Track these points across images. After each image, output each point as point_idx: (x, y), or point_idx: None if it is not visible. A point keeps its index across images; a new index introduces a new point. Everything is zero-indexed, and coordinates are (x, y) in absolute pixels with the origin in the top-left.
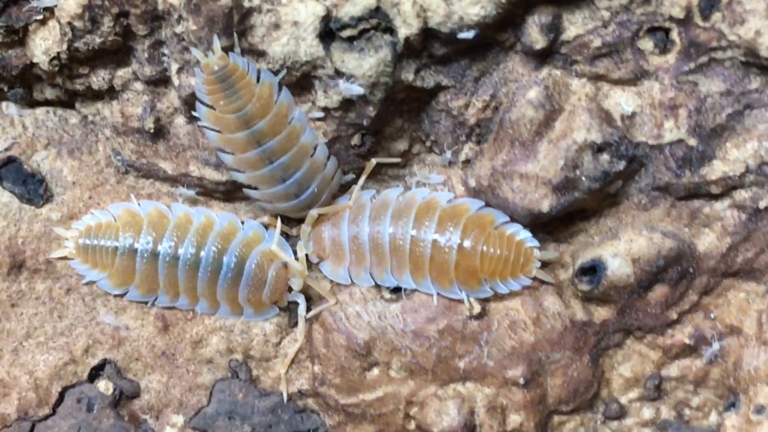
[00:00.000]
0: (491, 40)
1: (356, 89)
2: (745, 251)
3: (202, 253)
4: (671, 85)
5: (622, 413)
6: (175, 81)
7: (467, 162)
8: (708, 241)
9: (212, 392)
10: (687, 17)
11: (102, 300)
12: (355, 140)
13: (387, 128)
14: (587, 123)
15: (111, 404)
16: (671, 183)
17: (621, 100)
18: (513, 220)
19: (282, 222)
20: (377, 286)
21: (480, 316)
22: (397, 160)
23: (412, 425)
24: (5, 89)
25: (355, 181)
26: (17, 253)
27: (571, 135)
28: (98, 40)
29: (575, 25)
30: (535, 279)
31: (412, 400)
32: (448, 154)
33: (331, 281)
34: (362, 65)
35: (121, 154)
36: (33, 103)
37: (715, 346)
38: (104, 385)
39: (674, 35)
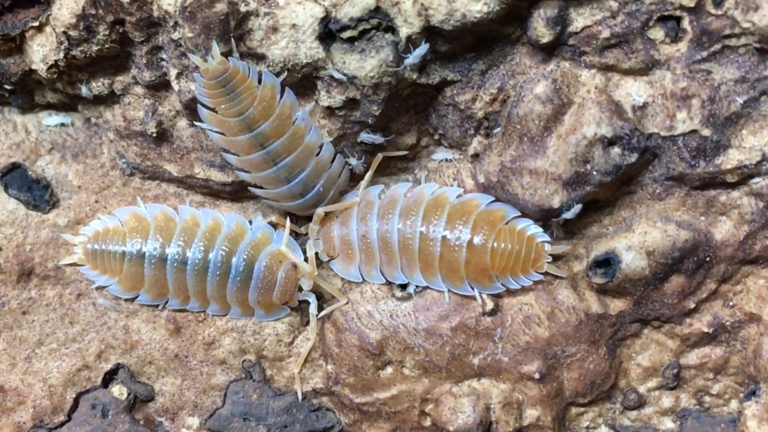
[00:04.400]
0: (496, 33)
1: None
2: (764, 238)
3: (210, 257)
4: (683, 74)
5: (641, 403)
6: (175, 86)
7: (476, 156)
8: (725, 229)
9: (226, 393)
10: (698, 5)
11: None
12: (361, 137)
13: (393, 124)
14: (597, 117)
15: (126, 409)
16: (685, 173)
17: (632, 91)
18: (524, 215)
19: (291, 221)
20: (389, 284)
21: (493, 312)
22: (404, 152)
23: (428, 422)
24: (6, 94)
25: (363, 174)
26: (26, 260)
27: (581, 129)
28: (95, 48)
29: (582, 17)
30: (547, 273)
31: (427, 398)
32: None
33: (343, 279)
34: (364, 66)
35: (126, 156)
36: (35, 107)
37: None
38: (118, 390)
39: (685, 24)
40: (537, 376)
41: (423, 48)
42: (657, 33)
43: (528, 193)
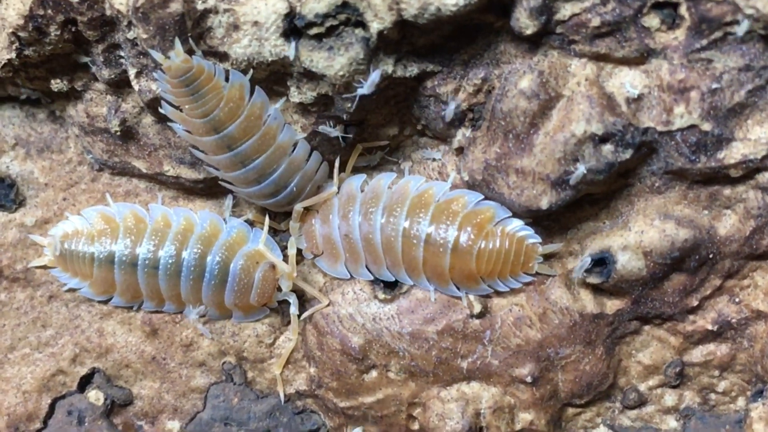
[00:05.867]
0: (478, 21)
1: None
2: None
3: (183, 260)
4: (681, 64)
5: (641, 401)
6: (135, 86)
7: (460, 149)
8: (729, 224)
9: (207, 397)
10: None
11: (86, 306)
12: (338, 131)
13: (372, 116)
14: (587, 113)
15: (103, 415)
16: (685, 168)
17: (626, 81)
18: (513, 213)
19: (269, 217)
20: (371, 286)
21: (481, 314)
22: (385, 142)
23: (416, 425)
24: None
25: (343, 166)
26: None
27: (570, 126)
28: (48, 48)
29: (570, 4)
30: (537, 273)
31: (415, 402)
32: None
33: (324, 278)
34: (332, 65)
35: (92, 152)
36: None
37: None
38: (95, 395)
39: (683, 10)
40: (529, 379)
41: (376, 74)
42: (652, 20)
43: (515, 193)
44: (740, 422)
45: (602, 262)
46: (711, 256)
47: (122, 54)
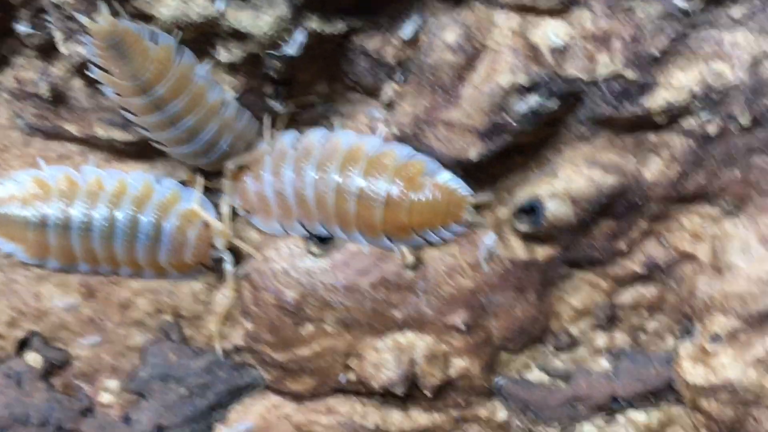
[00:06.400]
0: None
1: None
2: (697, 177)
3: (116, 222)
4: (603, 13)
5: (573, 344)
6: (64, 51)
7: (390, 104)
8: (655, 169)
9: (145, 355)
10: None
11: (22, 270)
12: (268, 90)
13: (301, 74)
14: (512, 64)
15: (41, 377)
16: (611, 116)
17: (550, 31)
18: (443, 166)
19: (202, 176)
20: (305, 240)
21: (415, 265)
22: (315, 98)
23: (352, 376)
24: None
25: (274, 123)
26: None
27: (496, 78)
28: None
29: None
30: (469, 224)
31: (351, 353)
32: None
33: (260, 234)
34: (258, 24)
35: (23, 117)
36: None
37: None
38: (33, 358)
39: None
40: (462, 327)
41: (300, 35)
42: None
43: (444, 146)
44: (669, 361)
45: (532, 210)
46: (638, 201)
47: (49, 18)
